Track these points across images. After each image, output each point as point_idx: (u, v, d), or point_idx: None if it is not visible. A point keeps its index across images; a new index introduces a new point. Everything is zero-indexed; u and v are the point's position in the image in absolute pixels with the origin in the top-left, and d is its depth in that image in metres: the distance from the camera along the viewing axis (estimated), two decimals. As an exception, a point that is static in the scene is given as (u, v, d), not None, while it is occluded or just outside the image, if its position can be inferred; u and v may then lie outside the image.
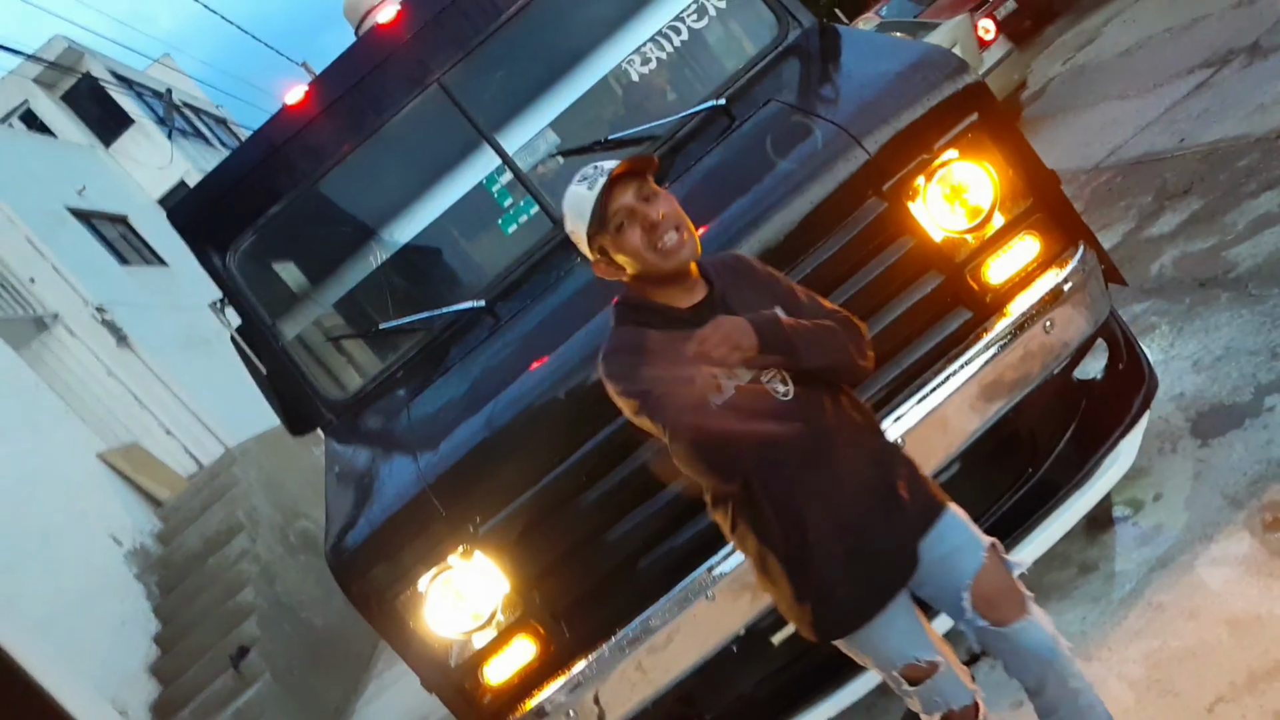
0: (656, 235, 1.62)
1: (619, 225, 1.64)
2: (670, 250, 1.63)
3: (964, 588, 1.69)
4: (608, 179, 1.60)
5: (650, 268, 1.65)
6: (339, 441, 3.07)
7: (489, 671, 2.51)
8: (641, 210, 1.62)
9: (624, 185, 1.62)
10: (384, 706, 6.39)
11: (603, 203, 1.61)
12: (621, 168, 1.61)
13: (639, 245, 1.63)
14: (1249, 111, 4.45)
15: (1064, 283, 2.43)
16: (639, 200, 1.63)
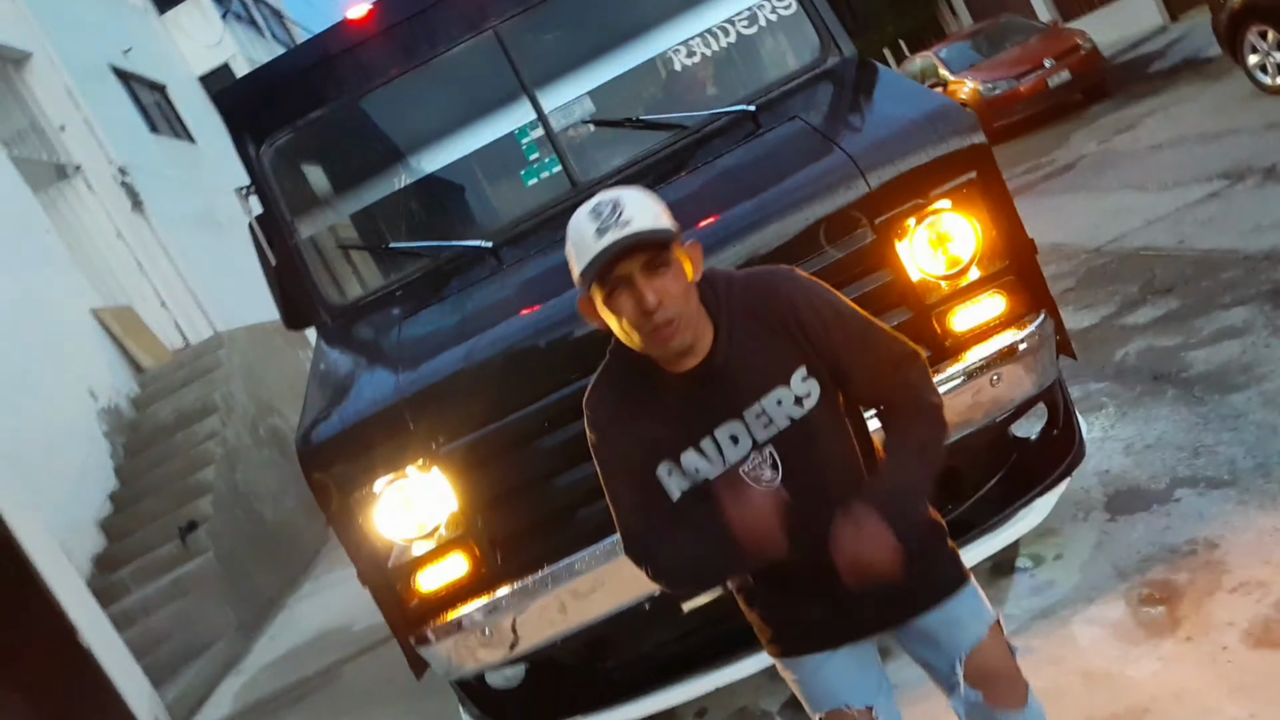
0: (649, 319, 1.38)
1: (613, 289, 1.40)
2: (659, 341, 1.40)
3: (959, 659, 1.58)
4: (619, 242, 1.36)
5: (633, 344, 1.44)
6: (329, 342, 3.25)
7: (422, 578, 2.70)
8: (641, 287, 1.37)
9: (636, 255, 1.37)
10: (315, 606, 6.61)
11: (606, 263, 1.37)
12: (636, 240, 1.36)
13: (629, 318, 1.40)
14: (1247, 229, 4.65)
15: (1019, 343, 2.61)
16: (644, 273, 1.38)
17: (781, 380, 1.48)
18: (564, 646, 2.79)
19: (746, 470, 1.49)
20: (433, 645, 2.68)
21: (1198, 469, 2.88)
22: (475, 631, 2.66)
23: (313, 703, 4.81)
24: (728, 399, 1.48)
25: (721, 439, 1.49)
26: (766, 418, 1.48)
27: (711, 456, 1.49)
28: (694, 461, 1.50)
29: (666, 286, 1.39)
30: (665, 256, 1.40)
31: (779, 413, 1.48)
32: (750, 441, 1.49)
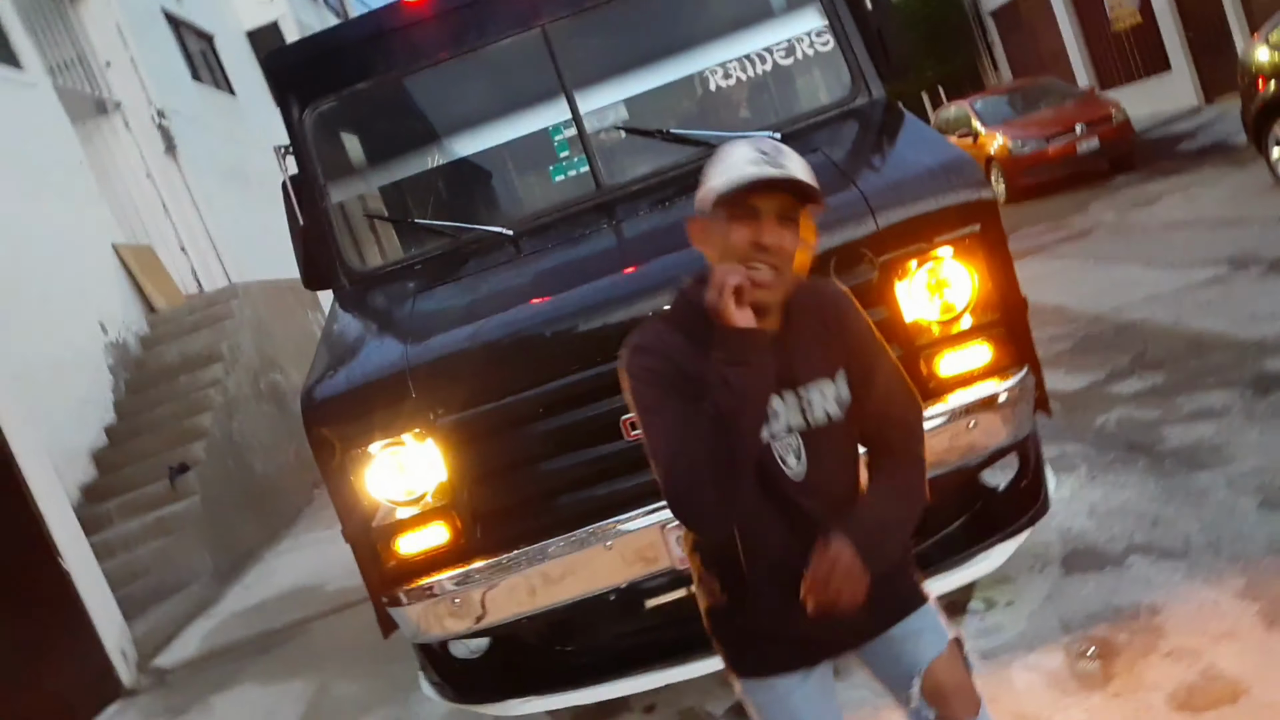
0: (755, 257, 1.40)
1: (739, 216, 1.41)
2: (751, 288, 1.39)
3: (917, 673, 1.59)
4: (775, 177, 1.39)
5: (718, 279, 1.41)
6: (345, 306, 3.38)
7: (402, 542, 2.81)
8: (767, 225, 1.40)
9: (781, 193, 1.41)
10: (292, 562, 6.73)
11: (751, 188, 1.40)
12: (795, 181, 1.40)
13: (739, 248, 1.41)
14: (1243, 316, 4.77)
15: (999, 394, 2.73)
16: (777, 214, 1.41)
17: (828, 374, 1.52)
18: (528, 625, 2.91)
19: (778, 447, 1.50)
20: (404, 607, 2.79)
21: (1154, 538, 3.00)
22: (446, 600, 2.77)
23: (278, 655, 4.92)
24: (781, 371, 1.47)
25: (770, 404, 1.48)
26: (808, 402, 1.51)
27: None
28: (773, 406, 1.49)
29: (787, 239, 1.42)
30: (798, 213, 1.44)
31: (819, 405, 1.51)
32: (787, 421, 1.50)
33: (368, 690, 4.03)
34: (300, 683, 4.39)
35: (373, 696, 3.94)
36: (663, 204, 3.21)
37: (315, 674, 4.42)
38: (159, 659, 5.45)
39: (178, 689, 4.98)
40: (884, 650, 1.64)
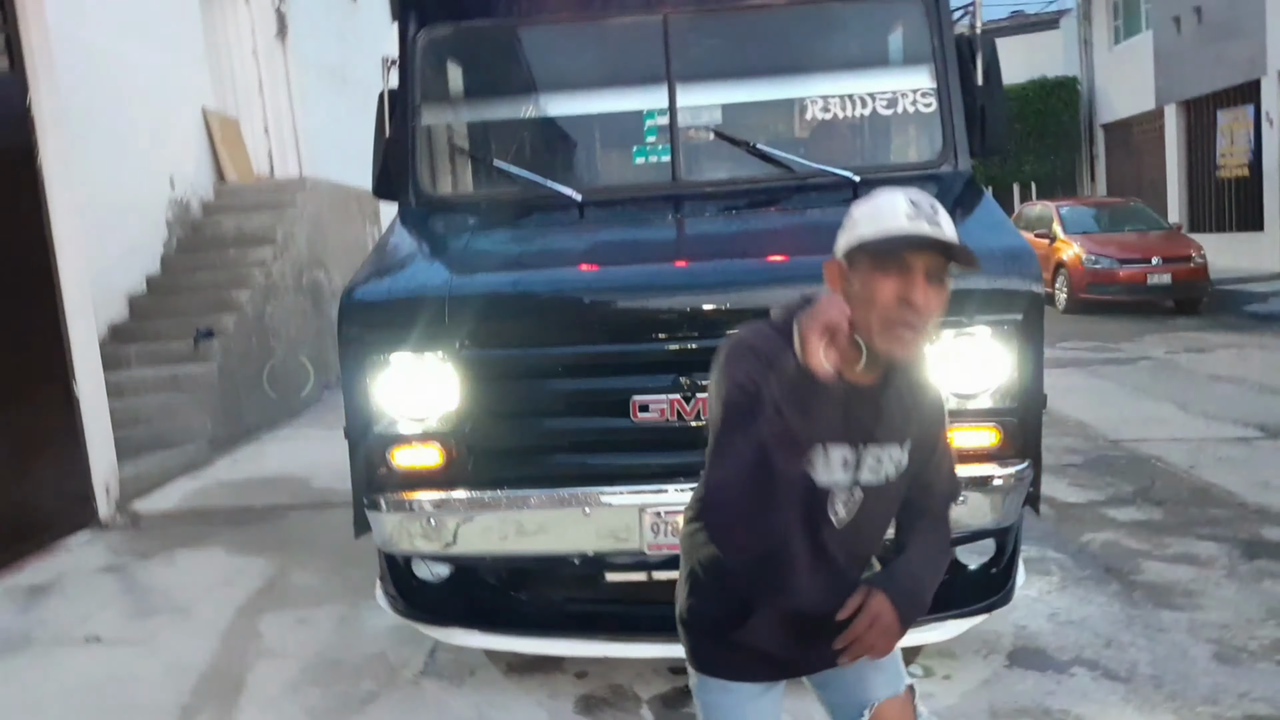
0: (901, 316, 1.38)
1: (889, 269, 1.39)
2: (893, 339, 1.39)
3: (869, 707, 1.64)
4: (938, 238, 1.38)
5: (862, 330, 1.41)
6: (405, 222, 3.51)
7: (398, 453, 2.92)
8: (917, 284, 1.38)
9: (935, 253, 1.39)
10: (286, 450, 6.90)
11: (904, 242, 1.37)
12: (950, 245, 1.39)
13: (880, 305, 1.39)
14: (1255, 481, 4.79)
15: (996, 479, 2.79)
16: (928, 274, 1.38)
17: (899, 440, 1.55)
18: (490, 564, 3.02)
19: (838, 495, 1.52)
20: (381, 513, 2.90)
21: (1103, 657, 3.05)
22: (422, 519, 2.87)
23: (249, 530, 5.08)
24: (868, 425, 1.51)
25: (839, 454, 1.51)
26: (877, 462, 1.54)
27: (824, 464, 1.50)
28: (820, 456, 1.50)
29: (935, 299, 1.41)
30: (948, 274, 1.43)
31: (886, 465, 1.54)
32: (856, 474, 1.53)
33: (323, 585, 4.17)
34: (263, 561, 4.53)
35: (326, 591, 4.07)
36: (730, 211, 3.30)
37: (279, 557, 4.56)
38: (138, 503, 5.63)
39: (148, 535, 5.15)
40: (842, 679, 1.67)
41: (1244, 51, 14.07)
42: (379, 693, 3.17)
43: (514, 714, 2.98)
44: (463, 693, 3.13)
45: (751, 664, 1.64)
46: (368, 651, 3.48)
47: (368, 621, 3.71)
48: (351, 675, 3.30)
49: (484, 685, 3.16)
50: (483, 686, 3.16)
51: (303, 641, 3.61)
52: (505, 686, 3.14)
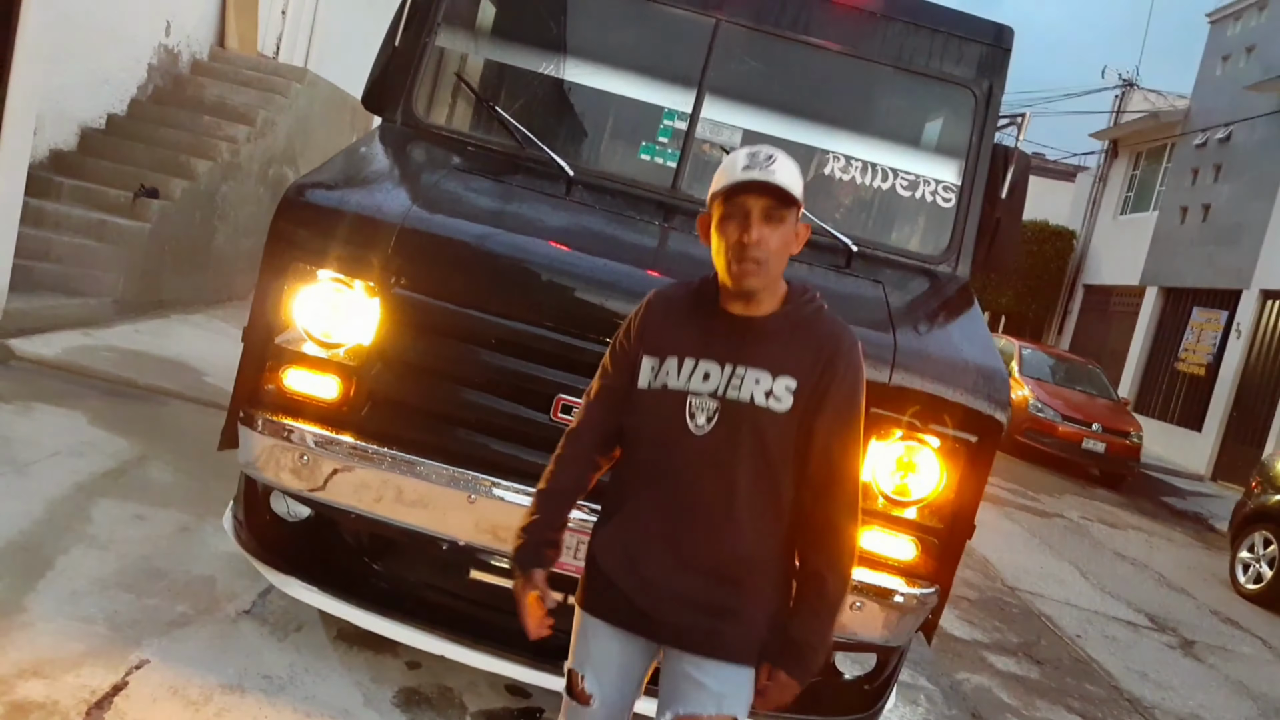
0: (739, 252, 1.61)
1: (727, 215, 1.63)
2: (740, 274, 1.62)
3: (676, 713, 1.69)
4: (756, 181, 1.60)
5: (719, 268, 1.67)
6: (383, 138, 3.25)
7: (290, 374, 2.64)
8: (752, 225, 1.60)
9: (763, 193, 1.61)
10: (191, 336, 6.50)
11: (735, 189, 1.61)
12: (773, 185, 1.60)
13: (728, 244, 1.63)
14: (1135, 670, 4.75)
15: (899, 594, 2.63)
16: (760, 215, 1.61)
17: (771, 369, 1.65)
18: (354, 522, 2.75)
19: (693, 402, 1.66)
20: (254, 433, 2.62)
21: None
22: (297, 451, 2.60)
23: (122, 406, 4.70)
24: (733, 348, 1.66)
25: (701, 368, 1.67)
26: (739, 382, 1.65)
27: (684, 372, 1.67)
28: (671, 367, 1.68)
29: (770, 236, 1.62)
30: (783, 213, 1.63)
31: (747, 387, 1.64)
32: (714, 386, 1.65)
33: (177, 486, 3.84)
34: (124, 442, 4.18)
35: (178, 494, 3.75)
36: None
37: (142, 443, 4.21)
38: (16, 341, 5.20)
39: (15, 378, 4.74)
40: (677, 670, 1.71)
41: (1235, 261, 14.49)
42: (192, 619, 2.87)
43: (328, 686, 2.71)
44: (281, 647, 2.85)
45: (611, 602, 1.73)
46: (197, 572, 3.17)
47: (209, 539, 3.41)
48: (169, 592, 3.00)
49: (306, 645, 2.89)
50: (305, 646, 2.88)
51: (132, 539, 3.29)
52: (328, 654, 2.87)
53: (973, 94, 3.49)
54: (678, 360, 1.68)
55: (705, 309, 1.71)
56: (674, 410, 1.66)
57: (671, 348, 1.70)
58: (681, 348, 1.69)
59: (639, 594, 1.71)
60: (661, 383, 1.68)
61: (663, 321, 1.74)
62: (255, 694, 2.58)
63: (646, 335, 1.73)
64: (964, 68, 3.50)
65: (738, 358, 1.66)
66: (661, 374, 1.69)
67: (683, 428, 1.66)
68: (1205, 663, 5.24)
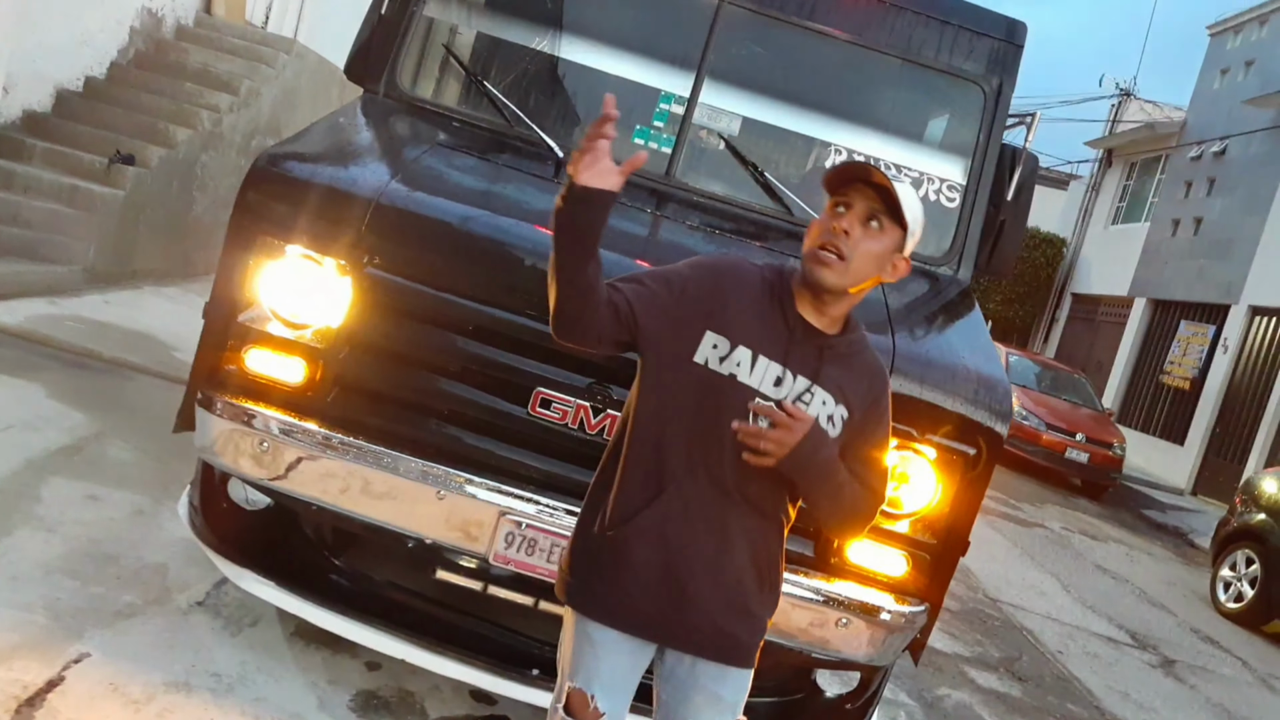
0: (826, 239, 1.53)
1: (836, 202, 1.57)
2: (817, 260, 1.53)
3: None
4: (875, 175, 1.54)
5: (805, 249, 1.58)
6: (365, 109, 3.08)
7: (253, 355, 2.49)
8: (848, 215, 1.54)
9: (874, 194, 1.54)
10: (163, 309, 6.30)
11: (844, 176, 1.56)
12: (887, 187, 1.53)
13: (820, 227, 1.56)
14: (1117, 688, 4.66)
15: (887, 612, 2.50)
16: (861, 212, 1.54)
17: (836, 397, 1.60)
18: (315, 515, 2.60)
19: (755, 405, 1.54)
20: (212, 416, 2.46)
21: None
22: (255, 437, 2.45)
23: (84, 379, 4.52)
24: (807, 361, 1.59)
25: (773, 371, 1.57)
26: (809, 398, 1.58)
27: (758, 371, 1.57)
28: (744, 359, 1.56)
29: (867, 238, 1.55)
30: (887, 223, 1.55)
31: (815, 407, 1.57)
32: (784, 394, 1.57)
33: (135, 466, 3.66)
34: (83, 417, 4.00)
35: (135, 475, 3.57)
36: (713, 230, 2.96)
37: (102, 419, 4.03)
38: (-25, 307, 5.00)
39: (-31, 344, 4.54)
40: (690, 680, 1.64)
41: (1225, 275, 14.47)
42: (140, 610, 2.71)
43: (281, 687, 2.55)
44: (234, 643, 2.69)
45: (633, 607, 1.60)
46: (149, 559, 3.01)
47: (165, 524, 3.24)
48: (118, 579, 2.83)
49: (260, 643, 2.73)
50: (259, 644, 2.72)
51: (83, 521, 3.11)
52: (283, 653, 2.71)
53: (982, 90, 3.35)
54: (751, 354, 1.57)
55: (779, 305, 1.60)
56: (738, 406, 1.54)
57: (743, 336, 1.57)
58: (755, 341, 1.57)
59: (672, 599, 1.59)
60: (730, 370, 1.56)
61: (735, 301, 1.60)
62: (202, 693, 2.42)
63: (714, 309, 1.58)
64: (974, 63, 3.36)
65: (813, 374, 1.59)
66: (730, 361, 1.56)
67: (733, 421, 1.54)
68: (1186, 683, 5.17)
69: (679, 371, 1.57)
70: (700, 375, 1.56)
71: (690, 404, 1.57)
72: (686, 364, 1.56)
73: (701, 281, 1.61)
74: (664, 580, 1.59)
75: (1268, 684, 5.67)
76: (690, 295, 1.59)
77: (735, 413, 1.53)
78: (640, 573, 1.59)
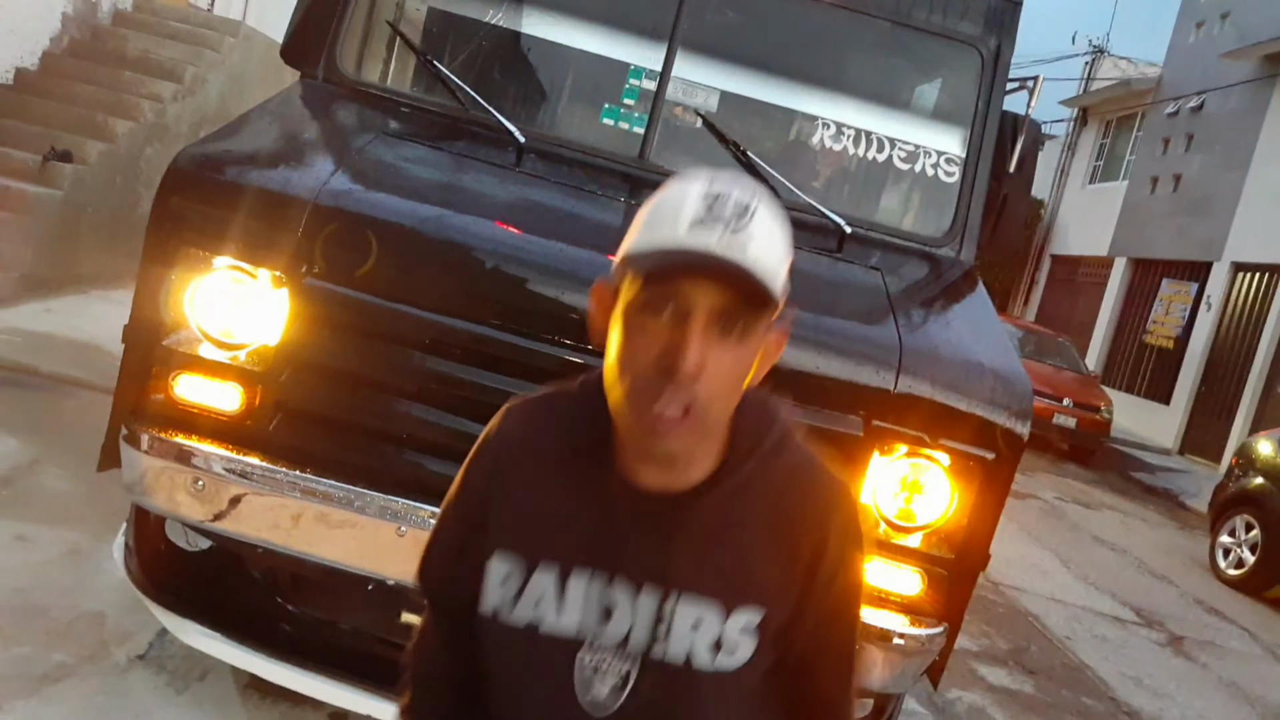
0: (668, 383, 0.87)
1: (648, 305, 0.88)
2: (652, 431, 0.89)
3: None
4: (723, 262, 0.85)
5: (613, 397, 0.92)
6: (303, 96, 2.77)
7: (182, 382, 2.20)
8: (693, 337, 0.86)
9: (722, 283, 0.86)
10: (110, 316, 5.92)
11: (673, 265, 0.86)
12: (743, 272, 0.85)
13: (643, 363, 0.88)
14: (1128, 674, 4.49)
15: (902, 637, 2.27)
16: (713, 321, 0.87)
17: (724, 599, 0.96)
18: (262, 557, 2.32)
19: (588, 659, 0.96)
20: (139, 453, 2.17)
21: None
22: (193, 475, 2.17)
23: (19, 399, 4.19)
24: (649, 554, 0.95)
25: (598, 596, 0.96)
26: (666, 628, 0.95)
27: (568, 608, 0.96)
28: (548, 588, 0.97)
29: (723, 362, 0.88)
30: (750, 324, 0.88)
31: (680, 636, 0.95)
32: (625, 632, 0.95)
33: (72, 497, 3.36)
34: (15, 444, 3.68)
35: (71, 508, 3.27)
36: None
37: (37, 445, 3.71)
38: (-100, 324, 4.64)
39: (-109, 366, 4.19)
40: None
41: (1206, 232, 14.35)
42: (72, 671, 2.43)
43: (233, 750, 2.29)
44: (179, 701, 2.42)
45: None
46: (84, 607, 2.72)
47: (103, 565, 2.94)
48: (47, 635, 2.54)
49: (210, 698, 2.46)
50: (207, 701, 2.45)
51: (8, 569, 2.82)
52: (236, 709, 2.44)
53: (979, 54, 3.07)
54: (557, 576, 0.97)
55: (595, 466, 0.97)
56: (554, 669, 0.96)
57: (544, 547, 0.97)
58: (561, 549, 0.97)
59: None
60: (527, 618, 0.97)
61: (527, 483, 1.00)
62: (142, 766, 2.15)
63: (498, 509, 1.00)
64: (970, 23, 3.08)
65: (662, 577, 0.95)
66: (527, 599, 0.97)
67: (569, 700, 0.96)
68: (1197, 662, 5.01)
69: (480, 633, 1.00)
70: (500, 637, 0.98)
71: (506, 680, 1.00)
72: (479, 621, 0.99)
73: (486, 470, 1.03)
74: None
75: (1276, 655, 5.54)
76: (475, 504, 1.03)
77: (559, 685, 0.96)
78: None
